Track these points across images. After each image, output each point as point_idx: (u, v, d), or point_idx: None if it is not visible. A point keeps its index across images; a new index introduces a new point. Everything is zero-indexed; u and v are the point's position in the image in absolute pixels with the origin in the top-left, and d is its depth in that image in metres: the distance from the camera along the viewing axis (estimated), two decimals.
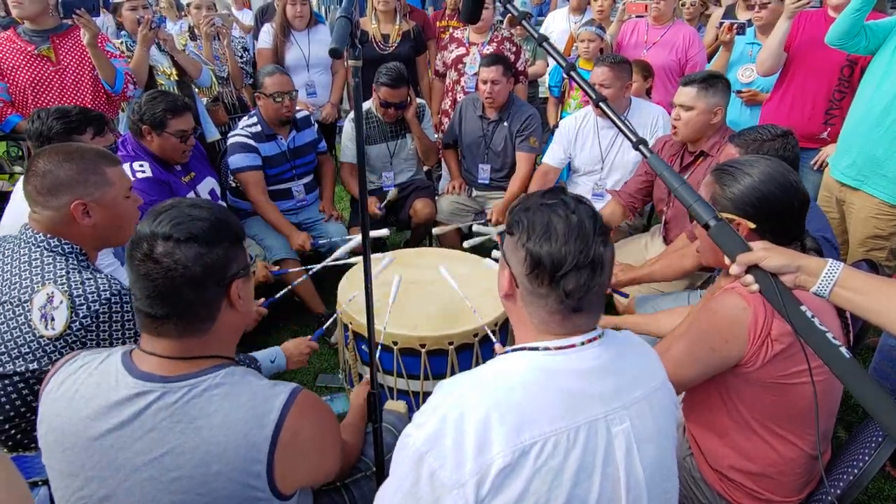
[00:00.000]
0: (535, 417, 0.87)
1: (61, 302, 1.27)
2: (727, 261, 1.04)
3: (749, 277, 1.00)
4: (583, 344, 0.94)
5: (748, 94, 3.14)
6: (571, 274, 0.89)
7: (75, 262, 1.35)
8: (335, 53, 0.92)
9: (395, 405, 1.93)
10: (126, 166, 2.27)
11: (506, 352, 0.99)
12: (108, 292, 1.31)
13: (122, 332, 1.33)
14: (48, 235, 1.35)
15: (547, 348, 0.93)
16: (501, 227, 2.16)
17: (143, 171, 2.28)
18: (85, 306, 1.29)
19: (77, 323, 1.28)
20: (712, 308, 1.29)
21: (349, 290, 2.16)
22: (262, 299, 2.08)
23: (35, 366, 1.30)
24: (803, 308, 0.94)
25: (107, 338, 1.32)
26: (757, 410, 1.30)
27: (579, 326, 0.95)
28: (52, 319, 1.27)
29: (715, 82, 2.33)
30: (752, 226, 1.27)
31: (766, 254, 0.98)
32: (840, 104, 2.72)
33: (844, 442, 1.46)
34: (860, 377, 0.88)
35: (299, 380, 2.70)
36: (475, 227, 3.09)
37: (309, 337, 1.83)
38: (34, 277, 1.31)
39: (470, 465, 0.84)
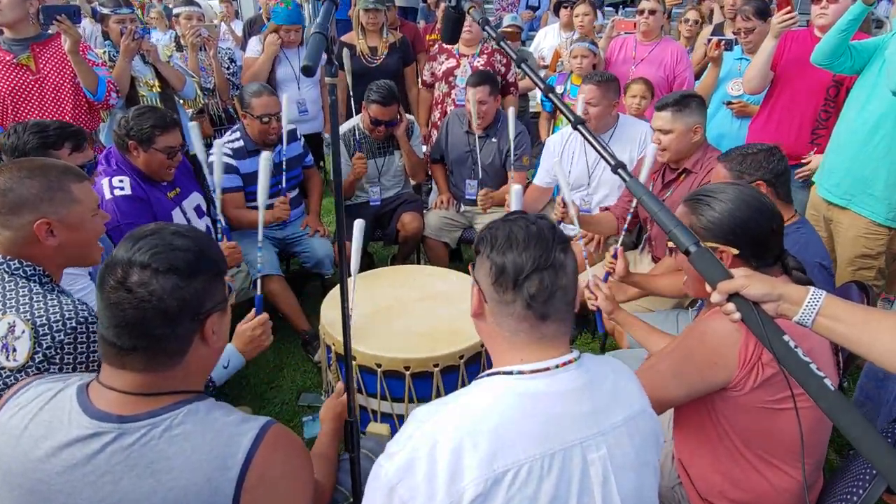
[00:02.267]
0: (509, 444, 0.86)
1: (23, 331, 1.20)
2: (708, 288, 1.01)
3: (730, 306, 0.98)
4: (557, 367, 0.92)
5: (738, 105, 3.16)
6: (533, 276, 0.92)
7: (38, 286, 1.28)
8: (307, 71, 0.89)
9: (378, 427, 1.88)
10: (105, 181, 2.21)
11: (480, 377, 0.97)
12: (73, 320, 1.24)
13: (86, 362, 1.26)
14: (8, 257, 1.28)
15: (521, 372, 0.92)
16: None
17: (122, 189, 2.21)
18: (49, 336, 1.22)
19: (40, 354, 1.21)
20: (701, 330, 1.27)
21: (332, 309, 2.12)
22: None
23: None
24: (786, 338, 0.92)
25: (70, 371, 1.25)
26: (746, 436, 1.27)
27: (549, 339, 0.94)
28: (14, 350, 1.20)
29: (688, 102, 2.33)
30: (735, 252, 1.25)
31: (747, 282, 0.96)
32: (826, 124, 2.73)
33: (837, 469, 1.42)
34: (846, 411, 0.85)
35: (281, 399, 2.65)
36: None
37: (252, 315, 1.61)
38: None
39: (441, 495, 0.82)
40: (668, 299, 2.39)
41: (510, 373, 0.93)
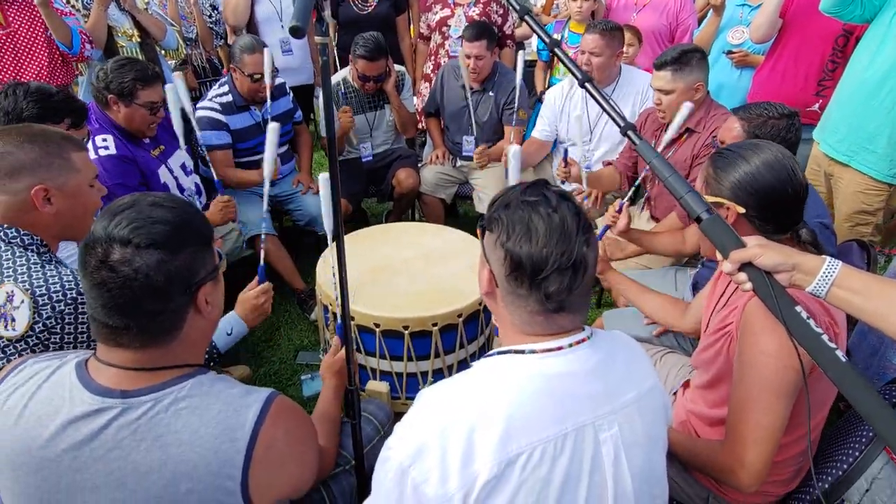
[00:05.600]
0: (522, 425, 0.84)
1: (22, 301, 1.17)
2: (719, 256, 0.99)
3: (742, 275, 0.95)
4: (570, 346, 0.90)
5: (739, 55, 3.06)
6: (553, 276, 0.85)
7: (36, 256, 1.25)
8: (296, 32, 0.81)
9: (377, 385, 1.89)
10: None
11: (489, 355, 0.94)
12: (74, 290, 1.22)
13: (88, 332, 1.24)
14: (4, 225, 1.25)
15: (533, 351, 0.89)
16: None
17: (107, 149, 2.12)
18: (49, 306, 1.19)
19: (40, 324, 1.19)
20: (753, 329, 1.14)
21: (328, 269, 2.09)
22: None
23: None
24: (798, 309, 0.91)
25: (72, 340, 1.23)
26: None
27: (564, 327, 0.91)
28: (13, 320, 1.17)
29: (688, 59, 2.21)
30: (742, 210, 1.20)
31: (760, 251, 0.93)
32: (832, 75, 2.65)
33: (834, 427, 1.44)
34: (857, 383, 0.85)
35: (279, 357, 2.65)
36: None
37: (255, 283, 1.60)
38: None
39: (455, 478, 0.81)
40: (665, 257, 2.38)
41: (522, 352, 0.90)
